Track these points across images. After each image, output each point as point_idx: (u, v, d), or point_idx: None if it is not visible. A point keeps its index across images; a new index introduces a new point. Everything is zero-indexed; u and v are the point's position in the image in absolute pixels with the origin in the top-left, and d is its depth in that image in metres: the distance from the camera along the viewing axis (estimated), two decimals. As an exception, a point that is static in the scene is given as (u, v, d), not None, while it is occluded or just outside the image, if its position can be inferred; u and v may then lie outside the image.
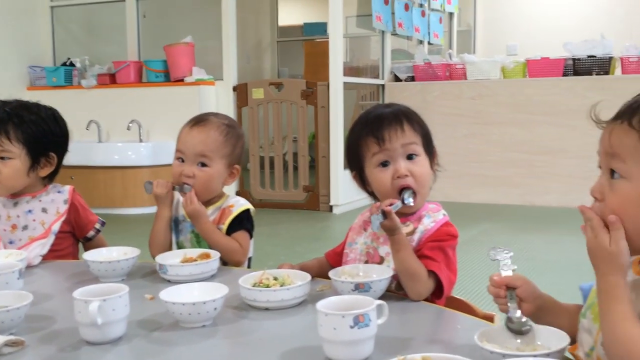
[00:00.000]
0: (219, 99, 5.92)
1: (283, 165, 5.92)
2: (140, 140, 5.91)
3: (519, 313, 1.02)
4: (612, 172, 0.94)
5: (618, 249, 0.91)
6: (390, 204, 1.32)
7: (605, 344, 0.93)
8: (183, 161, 1.74)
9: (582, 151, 5.15)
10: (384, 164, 1.42)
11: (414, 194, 1.38)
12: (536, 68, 5.75)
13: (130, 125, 5.84)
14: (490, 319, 1.28)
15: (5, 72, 6.16)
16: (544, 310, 1.07)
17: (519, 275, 1.11)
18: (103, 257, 1.55)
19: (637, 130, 0.92)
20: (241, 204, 1.77)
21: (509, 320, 1.01)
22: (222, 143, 1.74)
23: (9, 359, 1.07)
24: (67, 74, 6.28)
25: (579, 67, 5.60)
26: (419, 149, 1.43)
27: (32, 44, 6.47)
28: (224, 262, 1.65)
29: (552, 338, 0.98)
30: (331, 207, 5.57)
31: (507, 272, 1.11)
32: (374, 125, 1.42)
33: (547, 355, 0.92)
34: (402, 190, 1.40)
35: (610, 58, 5.51)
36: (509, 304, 1.05)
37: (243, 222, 1.75)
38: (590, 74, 5.55)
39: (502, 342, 0.99)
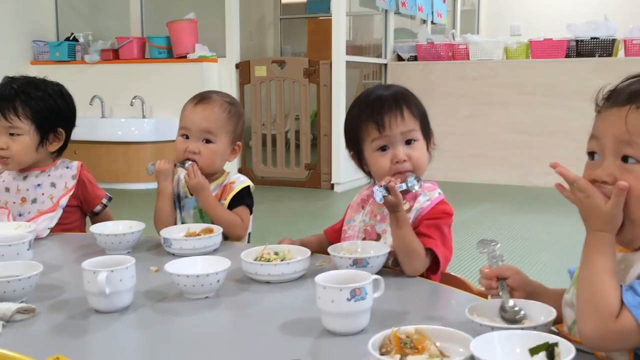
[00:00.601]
0: (221, 76, 5.94)
1: (285, 143, 5.96)
2: (144, 116, 5.94)
3: (512, 302, 1.05)
4: (624, 157, 0.96)
5: (616, 211, 0.94)
6: (389, 181, 1.36)
7: (578, 291, 0.96)
8: (187, 138, 1.77)
9: (583, 133, 5.09)
10: (383, 148, 1.46)
11: (418, 180, 1.40)
12: (539, 49, 5.75)
13: (133, 101, 5.87)
14: (484, 296, 1.31)
15: (9, 46, 6.17)
16: (534, 296, 1.10)
17: (508, 265, 1.15)
18: (109, 230, 1.60)
19: None
20: (242, 181, 1.81)
21: (503, 309, 1.04)
22: (226, 120, 1.78)
23: (20, 325, 1.12)
24: (71, 49, 6.29)
25: (581, 49, 5.60)
26: (417, 134, 1.46)
27: (36, 19, 6.47)
28: (225, 236, 1.68)
29: (540, 312, 1.02)
30: (332, 185, 5.61)
31: (496, 264, 1.15)
32: (374, 110, 1.45)
33: (534, 328, 0.97)
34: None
35: (614, 40, 5.50)
36: (500, 294, 1.08)
37: (244, 198, 1.79)
38: (593, 55, 5.55)
39: (491, 315, 1.04)
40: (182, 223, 1.79)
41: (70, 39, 6.35)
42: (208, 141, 1.77)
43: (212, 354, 1.04)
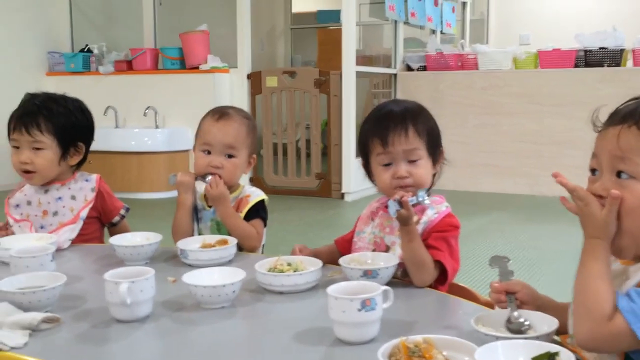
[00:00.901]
0: (233, 87, 6.00)
1: (296, 153, 6.01)
2: (157, 127, 6.01)
3: (517, 313, 1.10)
4: (618, 173, 1.02)
5: (609, 219, 1.01)
6: (402, 196, 1.41)
7: (574, 295, 1.02)
8: (209, 153, 1.83)
9: (591, 142, 5.16)
10: (387, 164, 1.51)
11: (429, 194, 1.45)
12: (547, 59, 5.78)
13: (146, 111, 5.94)
14: (491, 306, 1.35)
15: (25, 57, 6.28)
16: (543, 310, 1.14)
17: (517, 280, 1.20)
18: (128, 242, 1.65)
19: None
20: (257, 195, 1.87)
21: (509, 321, 1.09)
22: (245, 135, 1.85)
23: (46, 334, 1.17)
24: (85, 60, 6.38)
25: (590, 59, 5.62)
26: (421, 152, 1.50)
27: (51, 30, 6.57)
28: (239, 247, 1.72)
29: (543, 322, 1.07)
30: (343, 194, 5.65)
31: (506, 279, 1.19)
32: (381, 126, 1.50)
33: (537, 337, 1.01)
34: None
35: (622, 50, 5.52)
36: (509, 308, 1.13)
37: (259, 211, 1.84)
38: (601, 65, 5.57)
39: (496, 325, 1.08)
40: (199, 234, 1.83)
41: (85, 50, 6.45)
42: (230, 156, 1.82)
43: (229, 361, 1.09)
